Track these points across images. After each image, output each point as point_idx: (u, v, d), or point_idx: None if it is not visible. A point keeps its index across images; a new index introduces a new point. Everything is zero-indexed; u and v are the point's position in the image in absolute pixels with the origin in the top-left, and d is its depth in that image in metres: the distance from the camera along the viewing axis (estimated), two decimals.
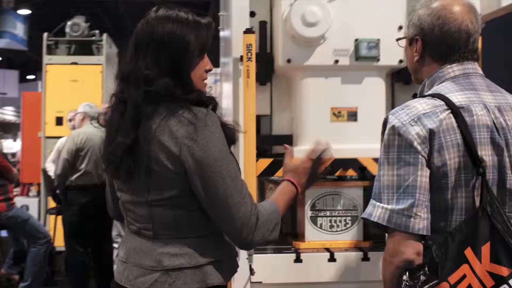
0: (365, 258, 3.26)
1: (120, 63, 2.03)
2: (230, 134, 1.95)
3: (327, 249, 3.35)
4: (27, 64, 29.90)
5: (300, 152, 3.35)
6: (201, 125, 1.82)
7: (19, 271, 6.51)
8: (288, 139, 3.49)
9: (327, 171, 3.29)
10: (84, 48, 8.66)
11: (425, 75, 2.11)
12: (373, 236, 3.50)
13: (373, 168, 3.33)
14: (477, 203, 1.84)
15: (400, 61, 3.40)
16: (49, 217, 7.46)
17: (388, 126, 1.93)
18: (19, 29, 16.86)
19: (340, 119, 3.40)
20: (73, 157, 5.46)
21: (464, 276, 1.73)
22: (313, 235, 3.40)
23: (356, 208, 3.42)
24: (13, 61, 27.75)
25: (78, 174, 5.49)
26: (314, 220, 3.39)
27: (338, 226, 3.41)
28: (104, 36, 8.52)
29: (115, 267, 5.76)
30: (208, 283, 1.88)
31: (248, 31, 3.18)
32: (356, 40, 3.35)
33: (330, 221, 3.40)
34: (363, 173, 3.36)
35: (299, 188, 2.14)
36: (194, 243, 1.89)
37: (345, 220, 3.41)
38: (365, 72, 3.42)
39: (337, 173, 3.33)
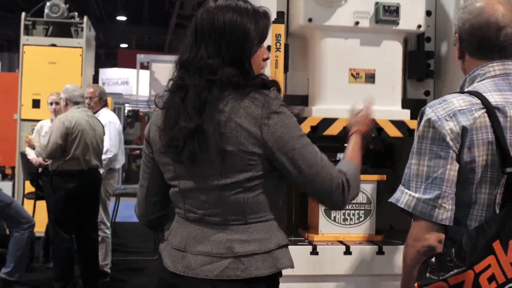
0: (380, 252, 3.29)
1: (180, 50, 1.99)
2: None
3: (341, 242, 3.36)
4: None
5: (318, 111, 3.36)
6: (276, 105, 1.88)
7: None
8: (304, 100, 3.51)
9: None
10: (62, 30, 8.48)
11: (466, 71, 2.15)
12: (383, 231, 3.53)
13: (389, 129, 3.38)
14: (498, 200, 1.91)
15: (419, 26, 3.45)
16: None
17: (424, 118, 1.99)
18: None
19: (358, 81, 3.43)
20: (65, 141, 5.33)
21: (489, 266, 1.81)
22: (326, 227, 3.41)
23: (369, 202, 3.44)
24: None
25: (65, 159, 5.37)
26: (327, 213, 3.40)
27: (351, 219, 3.43)
28: (85, 18, 8.36)
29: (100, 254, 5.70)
30: (279, 267, 1.92)
31: (277, 21, 3.16)
32: (377, 3, 3.39)
33: (344, 214, 3.42)
34: (380, 134, 3.36)
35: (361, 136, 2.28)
36: (263, 228, 1.92)
37: (358, 214, 3.43)
38: (384, 35, 3.46)
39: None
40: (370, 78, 3.44)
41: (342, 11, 3.36)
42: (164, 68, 19.87)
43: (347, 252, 3.26)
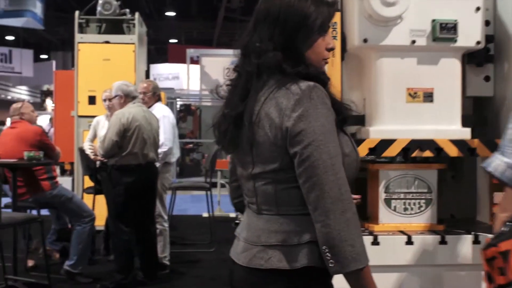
0: (443, 242, 3.25)
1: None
2: (341, 114, 1.88)
3: (402, 232, 3.33)
4: (40, 43, 29.97)
5: (375, 133, 3.34)
6: (305, 97, 1.78)
7: (59, 249, 6.52)
8: (360, 119, 3.48)
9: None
10: (115, 27, 8.61)
11: None
12: (444, 221, 3.49)
13: (449, 150, 3.31)
14: None
15: (478, 43, 3.37)
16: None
17: None
18: (38, 8, 16.81)
19: (416, 100, 3.39)
20: (121, 137, 5.43)
21: None
22: (387, 217, 3.39)
23: (430, 191, 3.40)
24: (27, 40, 27.76)
25: (124, 154, 5.47)
26: (388, 202, 3.38)
27: (412, 208, 3.40)
28: (136, 15, 8.46)
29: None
30: (303, 263, 1.80)
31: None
32: (433, 20, 3.32)
33: (404, 203, 3.39)
34: (440, 155, 3.32)
35: None
36: (294, 221, 1.83)
37: (419, 203, 3.40)
38: (442, 53, 3.41)
39: (413, 154, 3.31)
40: (428, 97, 3.39)
41: (398, 30, 3.31)
42: (214, 62, 20.06)
43: (409, 242, 3.23)
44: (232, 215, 9.68)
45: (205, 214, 9.39)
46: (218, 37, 26.10)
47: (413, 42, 3.33)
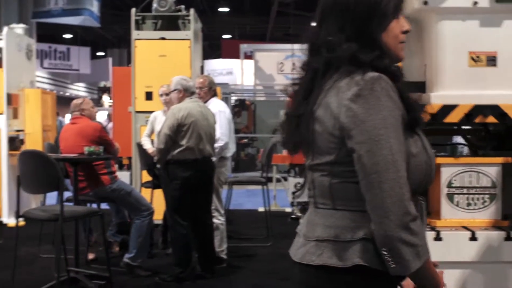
0: (508, 238, 3.17)
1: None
2: (412, 112, 1.75)
3: (465, 228, 3.26)
4: (97, 41, 30.53)
5: (437, 98, 3.26)
6: (367, 89, 1.67)
7: (119, 242, 6.63)
8: (421, 87, 3.41)
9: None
10: (170, 23, 8.69)
11: None
12: (510, 217, 3.40)
13: None
14: None
15: None
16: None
17: None
18: (95, 7, 17.11)
19: (479, 64, 3.30)
20: (175, 132, 5.49)
21: None
22: (449, 213, 3.32)
23: (494, 185, 3.32)
24: (84, 38, 28.31)
25: (180, 149, 5.52)
26: (450, 197, 3.31)
27: (475, 204, 3.32)
28: (192, 11, 8.52)
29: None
30: (355, 261, 1.70)
31: None
32: None
33: (467, 198, 3.32)
34: (504, 119, 3.23)
35: None
36: (349, 217, 1.74)
37: (483, 198, 3.32)
38: (505, 14, 3.29)
39: (476, 120, 3.22)
40: (492, 61, 3.29)
41: None
42: (268, 57, 20.07)
43: (473, 238, 3.17)
44: (288, 210, 9.67)
45: (261, 209, 9.41)
46: (272, 32, 26.10)
47: (475, 3, 3.25)
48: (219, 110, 6.24)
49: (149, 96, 8.23)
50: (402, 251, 1.62)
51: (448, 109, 3.21)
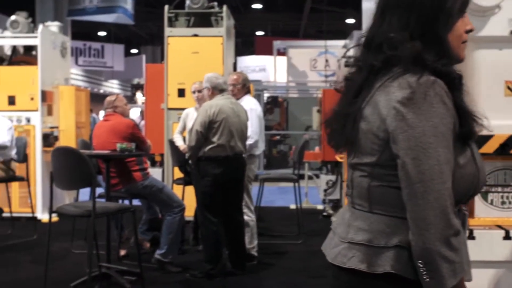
0: None
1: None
2: (466, 124, 1.69)
3: (500, 227, 3.20)
4: (130, 38, 30.78)
5: None
6: (420, 93, 1.59)
7: (150, 239, 6.67)
8: None
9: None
10: (203, 20, 8.70)
11: None
12: None
13: None
14: None
15: None
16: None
17: None
18: (129, 4, 17.24)
19: None
20: (206, 129, 5.49)
21: None
22: (483, 211, 3.27)
23: None
24: (118, 35, 28.56)
25: (211, 146, 5.52)
26: (484, 196, 3.26)
27: (510, 202, 3.26)
28: (224, 7, 8.52)
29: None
30: (386, 269, 1.65)
31: None
32: None
33: (502, 197, 3.26)
34: None
35: None
36: (385, 222, 1.68)
37: None
38: None
39: None
40: None
41: (495, 20, 3.19)
42: (301, 54, 20.02)
43: (507, 237, 3.10)
44: (320, 207, 9.63)
45: (293, 206, 9.38)
46: (305, 29, 26.03)
47: None
48: (251, 108, 6.23)
49: (181, 93, 8.26)
50: (440, 266, 1.56)
51: (483, 139, 3.17)
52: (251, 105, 6.27)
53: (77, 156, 4.75)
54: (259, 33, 28.49)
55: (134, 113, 16.47)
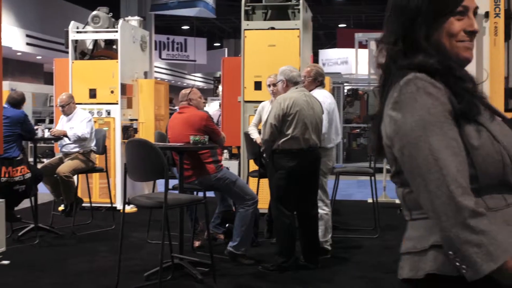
0: None
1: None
2: (462, 101, 1.66)
3: None
4: (213, 31, 31.14)
5: None
6: (403, 93, 1.64)
7: (224, 231, 6.71)
8: None
9: None
10: (280, 13, 8.66)
11: None
12: None
13: None
14: None
15: None
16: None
17: None
18: None
19: None
20: (280, 122, 5.48)
21: None
22: None
23: None
24: (201, 29, 28.94)
25: (285, 138, 5.50)
26: None
27: None
28: (301, 0, 8.45)
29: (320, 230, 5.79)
30: (426, 270, 1.64)
31: None
32: None
33: None
34: None
35: None
36: (422, 226, 1.69)
37: None
38: None
39: None
40: None
41: None
42: None
43: None
44: (397, 201, 9.44)
45: (370, 200, 9.24)
46: None
47: None
48: (320, 100, 6.17)
49: (258, 86, 8.27)
50: (467, 252, 1.51)
51: None
52: (319, 98, 6.20)
53: (150, 148, 4.83)
54: (341, 25, 28.23)
55: (215, 106, 16.66)
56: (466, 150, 1.61)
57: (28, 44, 19.77)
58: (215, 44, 32.88)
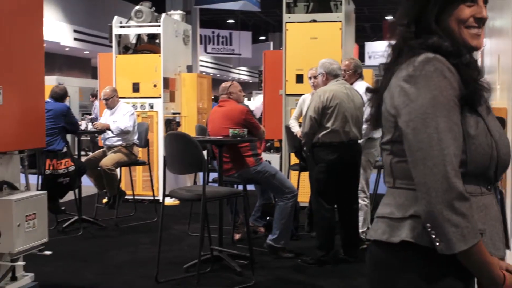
0: None
1: None
2: (468, 87, 1.73)
3: None
4: (258, 25, 31.14)
5: None
6: (420, 69, 1.70)
7: (265, 224, 6.72)
8: None
9: None
10: (322, 5, 8.61)
11: None
12: None
13: None
14: None
15: None
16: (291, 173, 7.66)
17: None
18: None
19: None
20: (320, 115, 5.45)
21: None
22: None
23: None
24: (246, 22, 28.97)
25: (325, 131, 5.47)
26: None
27: None
28: None
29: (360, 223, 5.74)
30: (402, 237, 1.74)
31: None
32: None
33: None
34: None
35: None
36: (404, 195, 1.78)
37: None
38: None
39: None
40: None
41: None
42: None
43: None
44: None
45: None
46: None
47: None
48: (361, 92, 6.11)
49: (299, 79, 8.25)
50: (445, 229, 1.62)
51: None
52: (361, 90, 6.14)
53: (188, 141, 4.86)
54: (388, 17, 27.89)
55: (260, 99, 16.67)
56: (463, 137, 1.70)
57: (75, 39, 20.12)
58: (260, 38, 32.87)
